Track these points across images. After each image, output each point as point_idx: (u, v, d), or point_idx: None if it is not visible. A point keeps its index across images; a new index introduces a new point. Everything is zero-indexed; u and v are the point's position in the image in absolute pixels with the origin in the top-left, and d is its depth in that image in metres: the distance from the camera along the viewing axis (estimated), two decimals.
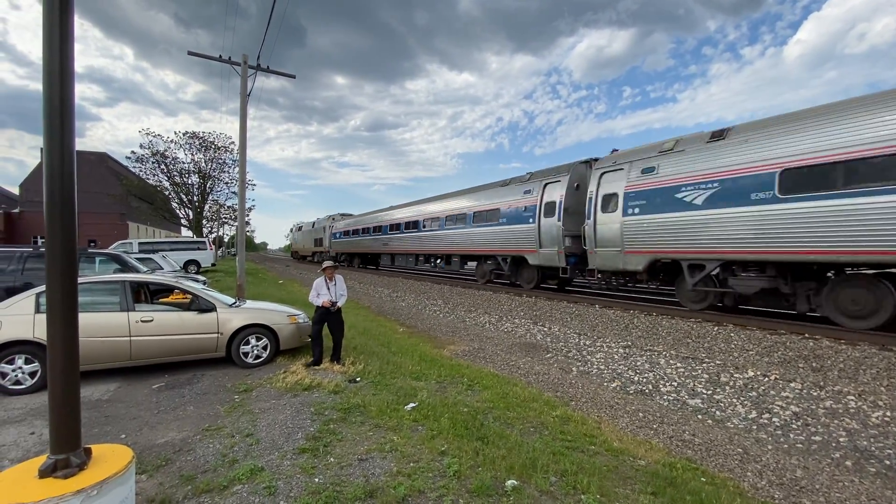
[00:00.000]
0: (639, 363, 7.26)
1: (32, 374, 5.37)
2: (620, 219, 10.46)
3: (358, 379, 5.80)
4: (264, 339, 6.56)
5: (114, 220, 46.27)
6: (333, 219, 35.78)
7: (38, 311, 5.48)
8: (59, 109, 2.17)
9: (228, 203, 45.24)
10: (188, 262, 24.67)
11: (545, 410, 5.05)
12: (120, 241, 24.24)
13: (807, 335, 7.38)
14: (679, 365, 6.93)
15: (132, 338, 5.83)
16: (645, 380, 6.66)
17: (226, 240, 64.50)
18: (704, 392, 6.04)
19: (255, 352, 6.49)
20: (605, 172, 11.25)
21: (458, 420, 4.36)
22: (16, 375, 5.31)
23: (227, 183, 43.52)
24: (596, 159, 12.54)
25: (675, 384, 6.38)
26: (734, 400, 5.72)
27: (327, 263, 6.81)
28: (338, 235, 33.58)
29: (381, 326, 10.87)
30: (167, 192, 42.86)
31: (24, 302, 5.58)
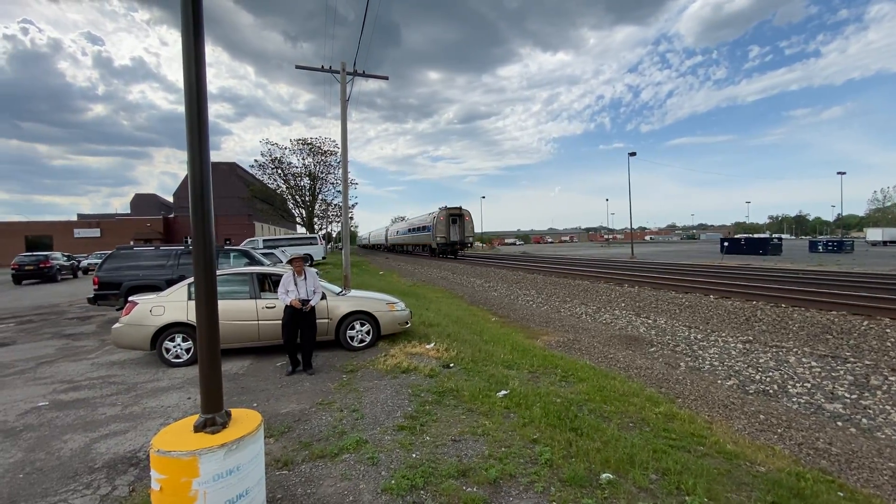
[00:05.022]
0: (761, 360, 6.46)
1: (188, 350, 6.48)
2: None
3: (451, 365, 6.02)
4: (367, 325, 7.11)
5: (242, 220, 53.16)
6: None
7: (190, 298, 6.57)
8: (197, 126, 2.57)
9: (335, 202, 49.27)
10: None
11: (647, 406, 4.75)
12: (248, 239, 27.86)
13: None
14: (814, 364, 6.02)
15: (259, 322, 6.72)
16: (769, 379, 5.91)
17: (333, 235, 70.24)
18: (847, 396, 5.19)
19: (360, 336, 7.07)
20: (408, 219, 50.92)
21: (550, 410, 4.31)
22: (176, 351, 6.46)
23: (333, 183, 47.39)
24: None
25: (809, 385, 5.56)
26: (887, 406, 4.82)
27: (294, 254, 6.07)
28: None
29: (473, 316, 11.06)
30: (283, 195, 47.98)
31: (180, 291, 6.73)
